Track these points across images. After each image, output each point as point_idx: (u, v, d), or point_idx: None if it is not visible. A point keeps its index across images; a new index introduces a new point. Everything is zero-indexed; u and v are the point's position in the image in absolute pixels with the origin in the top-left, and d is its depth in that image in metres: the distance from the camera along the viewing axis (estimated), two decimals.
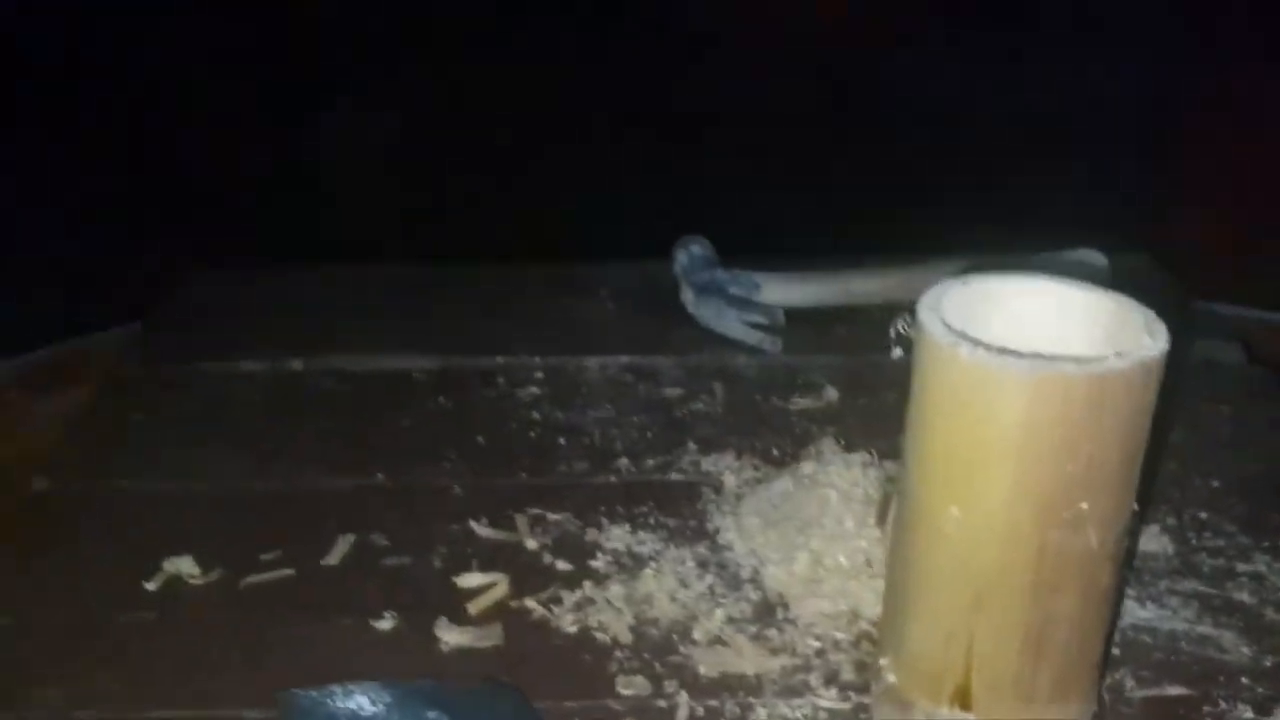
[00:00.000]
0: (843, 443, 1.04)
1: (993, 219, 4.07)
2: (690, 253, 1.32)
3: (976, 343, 0.68)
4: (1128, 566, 0.90)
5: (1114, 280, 1.33)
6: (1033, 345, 0.71)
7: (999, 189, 4.18)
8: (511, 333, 1.26)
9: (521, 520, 0.97)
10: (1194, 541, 0.95)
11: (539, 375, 1.19)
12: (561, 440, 1.09)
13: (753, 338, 1.23)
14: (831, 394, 1.16)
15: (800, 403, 1.14)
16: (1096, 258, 1.34)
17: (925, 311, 0.71)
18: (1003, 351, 0.67)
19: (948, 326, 0.69)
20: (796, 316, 1.27)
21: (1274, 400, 1.17)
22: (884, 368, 1.16)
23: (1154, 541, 0.95)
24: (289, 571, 0.90)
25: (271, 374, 1.18)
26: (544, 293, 1.36)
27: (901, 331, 0.81)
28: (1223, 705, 0.79)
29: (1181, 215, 3.64)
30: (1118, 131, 3.30)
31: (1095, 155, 4.28)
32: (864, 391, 1.16)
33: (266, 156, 2.98)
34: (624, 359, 1.22)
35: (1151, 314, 0.73)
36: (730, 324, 1.24)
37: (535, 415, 1.13)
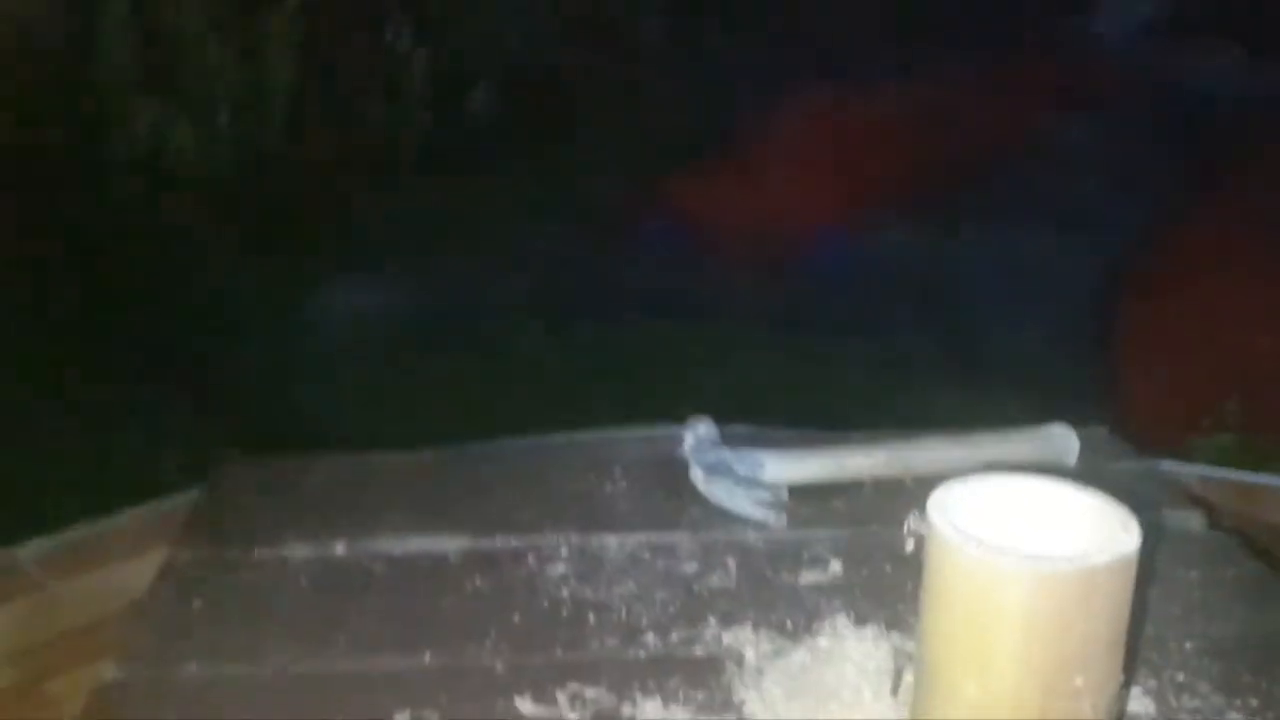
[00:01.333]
0: (853, 616, 1.14)
1: (961, 385, 4.24)
2: (697, 434, 1.43)
3: (982, 542, 0.79)
4: None
5: (1083, 455, 1.47)
6: (1028, 540, 0.83)
7: (970, 360, 4.38)
8: (537, 512, 1.36)
9: (562, 696, 1.05)
10: (1174, 703, 1.05)
11: (565, 553, 1.29)
12: (591, 617, 1.18)
13: (760, 514, 1.34)
14: (836, 567, 1.26)
15: (809, 576, 1.24)
16: (1066, 434, 1.47)
17: (935, 512, 0.83)
18: (1006, 551, 0.78)
19: (957, 527, 0.81)
20: (796, 491, 1.38)
21: (1236, 565, 1.28)
22: (882, 541, 1.27)
23: (1138, 703, 1.05)
24: None
25: (318, 558, 1.27)
26: (563, 471, 1.47)
27: (913, 528, 0.92)
28: None
29: (1131, 382, 3.85)
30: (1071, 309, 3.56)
31: (1052, 330, 4.50)
32: (866, 564, 1.26)
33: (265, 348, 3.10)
34: (642, 536, 1.32)
35: (1126, 511, 0.85)
36: (739, 502, 1.35)
37: (565, 593, 1.22)
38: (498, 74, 6.07)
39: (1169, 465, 2.05)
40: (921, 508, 1.36)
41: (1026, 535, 0.84)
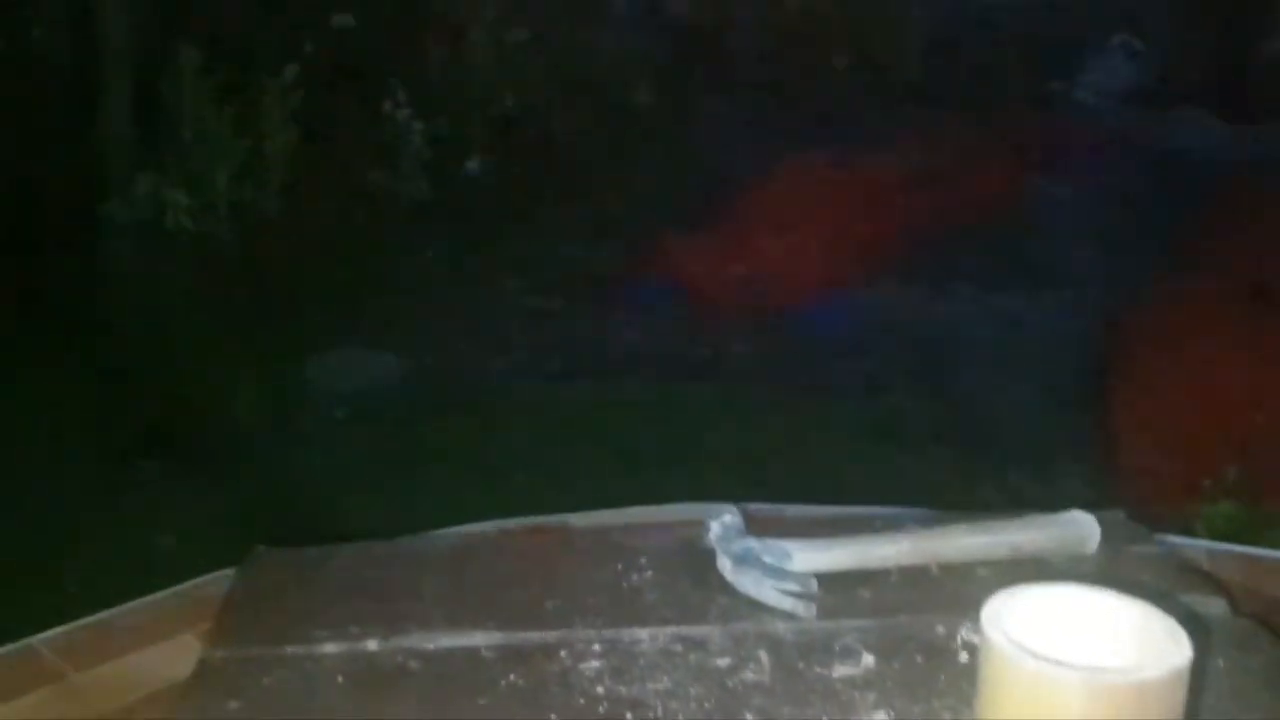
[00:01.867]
0: (891, 713, 1.15)
1: (956, 449, 4.26)
2: (724, 523, 1.44)
3: (1039, 655, 0.80)
4: None
5: (1103, 540, 1.48)
6: (1079, 650, 0.84)
7: (966, 424, 4.40)
8: (565, 603, 1.36)
9: None
10: None
11: (597, 648, 1.29)
12: (628, 715, 1.18)
13: (788, 604, 1.35)
14: (869, 660, 1.26)
15: (842, 670, 1.25)
16: (1087, 520, 1.48)
17: (989, 625, 0.84)
18: (1060, 663, 0.80)
19: (1013, 639, 0.82)
20: (823, 580, 1.39)
21: (1262, 652, 1.29)
22: (912, 633, 1.28)
23: None
24: None
25: (350, 655, 1.27)
26: (588, 559, 1.47)
27: (966, 639, 0.94)
28: None
29: (1128, 448, 3.89)
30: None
31: (1049, 395, 4.54)
32: (898, 656, 1.27)
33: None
34: (673, 629, 1.32)
35: (1173, 622, 0.87)
36: (767, 592, 1.36)
37: (600, 690, 1.22)
38: (493, 139, 6.14)
39: (1178, 540, 2.06)
40: (950, 599, 1.37)
41: (1076, 644, 0.86)
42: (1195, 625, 1.34)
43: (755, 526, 1.47)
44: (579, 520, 1.95)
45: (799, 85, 7.67)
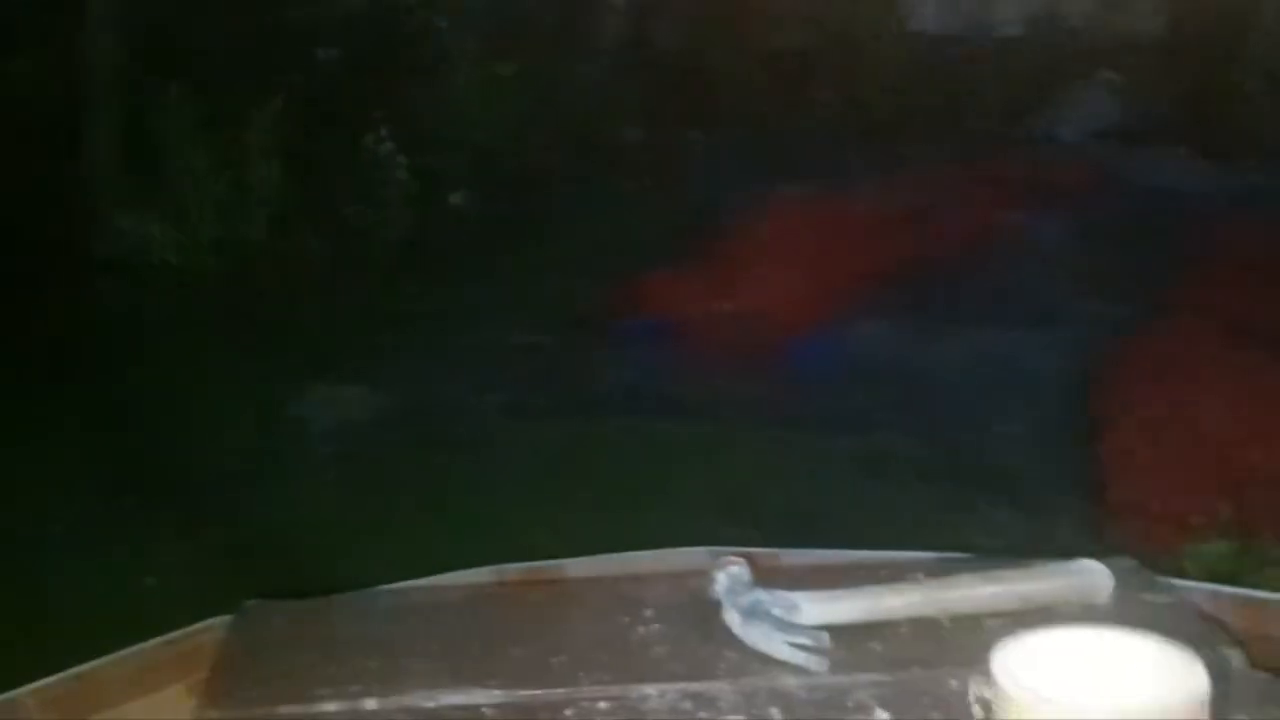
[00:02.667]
0: None
1: (946, 485, 4.24)
2: (730, 574, 1.41)
3: (1056, 699, 0.78)
4: None
5: (1116, 590, 1.46)
6: (1094, 691, 0.82)
7: (954, 460, 4.39)
8: (570, 658, 1.33)
9: None
10: None
11: (604, 705, 1.25)
12: None
13: (800, 659, 1.32)
14: (883, 716, 1.23)
15: None
16: (1099, 570, 1.46)
17: (1002, 674, 0.82)
18: (1080, 705, 0.78)
19: (1027, 686, 0.81)
20: (832, 632, 1.36)
21: None
22: (925, 687, 1.25)
23: None
24: None
25: (351, 715, 1.23)
26: (591, 612, 1.44)
27: (978, 694, 0.91)
28: None
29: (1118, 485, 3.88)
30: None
31: (1039, 431, 4.53)
32: (912, 710, 1.24)
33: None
34: (681, 685, 1.29)
35: (1187, 653, 0.85)
36: (778, 646, 1.32)
37: None
38: (477, 174, 6.13)
39: (1184, 583, 2.04)
40: (961, 653, 1.34)
41: (1091, 686, 0.84)
42: (1214, 677, 1.32)
43: (754, 573, 1.45)
44: (576, 566, 1.91)
45: (783, 122, 7.70)
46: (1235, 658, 1.36)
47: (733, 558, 1.45)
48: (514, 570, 1.88)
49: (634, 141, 7.19)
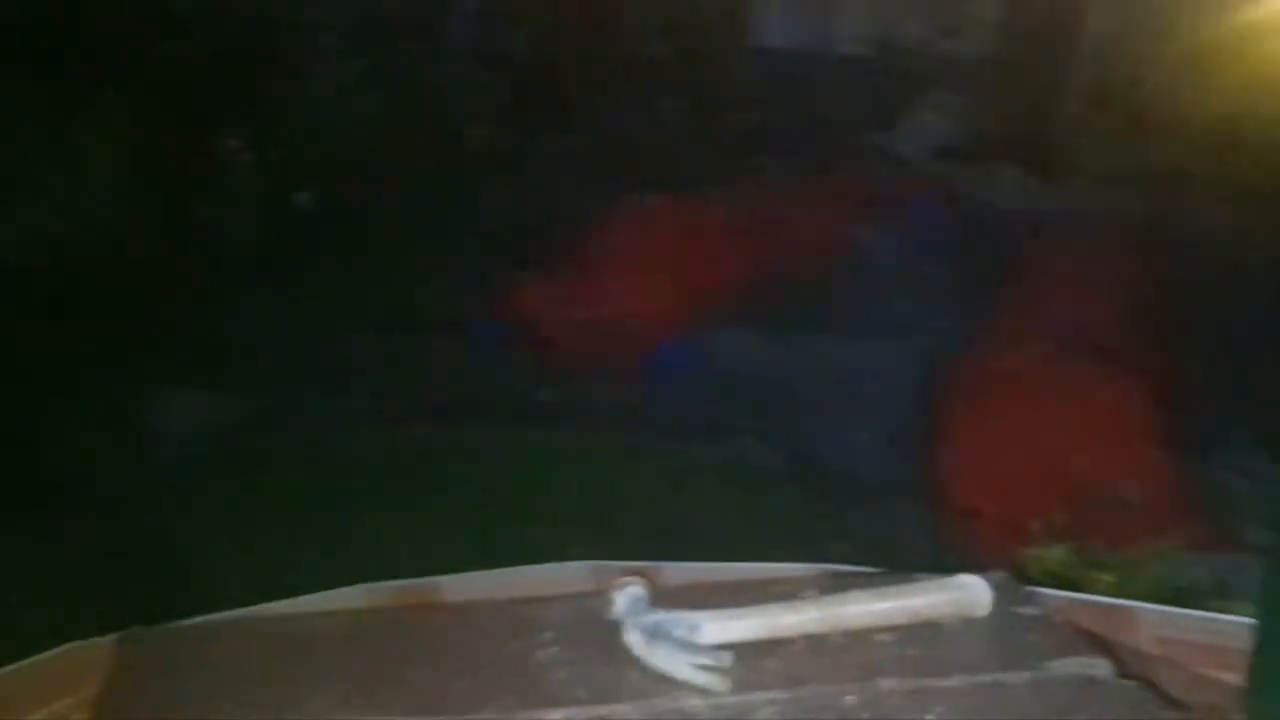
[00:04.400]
0: None
1: (802, 493, 4.34)
2: (630, 595, 1.43)
3: None
4: None
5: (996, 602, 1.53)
6: None
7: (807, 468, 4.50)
8: (471, 684, 1.32)
9: None
10: None
11: None
12: None
13: (702, 679, 1.34)
14: None
15: None
16: (979, 584, 1.53)
17: None
18: None
19: None
20: (725, 649, 1.39)
21: (1148, 714, 1.35)
22: (823, 702, 1.29)
23: None
24: None
25: None
26: (492, 637, 1.43)
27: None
28: None
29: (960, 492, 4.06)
30: None
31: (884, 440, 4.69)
32: None
33: None
34: (586, 709, 1.30)
35: None
36: (680, 667, 1.34)
37: None
38: (332, 176, 5.98)
39: (1051, 593, 2.14)
40: (855, 666, 1.38)
41: None
42: (1084, 687, 1.40)
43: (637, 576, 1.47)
44: (451, 583, 1.89)
45: (638, 130, 7.76)
46: (1104, 667, 1.44)
47: (630, 577, 1.47)
48: (387, 589, 1.85)
49: (490, 144, 7.12)
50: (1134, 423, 4.34)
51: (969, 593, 1.51)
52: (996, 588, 1.57)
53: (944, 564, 3.31)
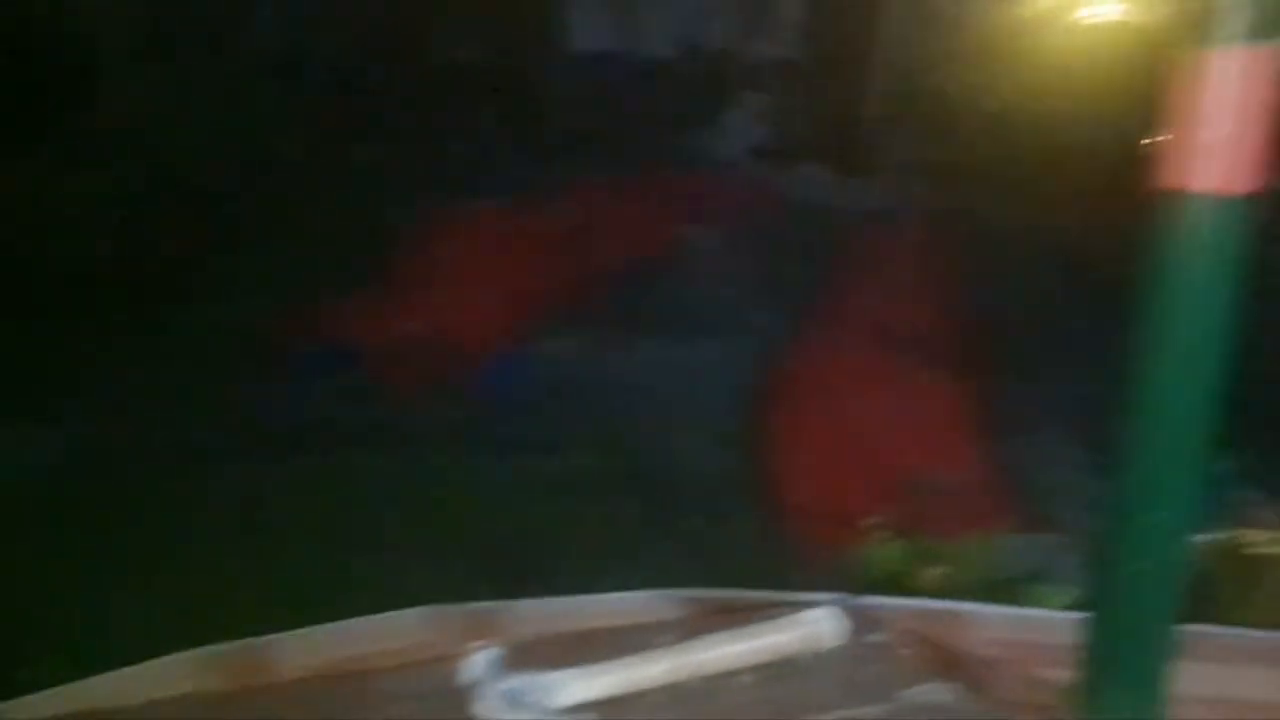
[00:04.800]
0: None
1: (634, 501, 4.33)
2: (485, 659, 1.38)
3: None
4: None
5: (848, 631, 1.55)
6: None
7: (638, 475, 4.51)
8: None
9: None
10: None
11: None
12: None
13: None
14: None
15: None
16: (830, 617, 1.54)
17: None
18: None
19: None
20: (594, 708, 1.37)
21: None
22: None
23: None
24: None
25: None
26: (336, 714, 1.37)
27: None
28: None
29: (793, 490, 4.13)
30: None
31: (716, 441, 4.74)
32: None
33: None
34: None
35: None
36: None
37: None
38: (137, 195, 5.68)
39: (890, 601, 2.18)
40: (716, 712, 1.38)
41: None
42: (934, 716, 1.43)
43: (487, 632, 1.43)
44: (284, 645, 1.80)
45: (453, 138, 7.65)
46: (951, 692, 1.48)
47: (484, 643, 1.42)
48: (220, 653, 1.75)
49: (302, 157, 6.90)
50: (953, 413, 4.49)
51: (820, 626, 1.53)
52: (844, 616, 1.59)
53: (787, 570, 3.38)
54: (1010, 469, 4.21)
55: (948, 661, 1.59)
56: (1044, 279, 6.03)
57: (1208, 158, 1.36)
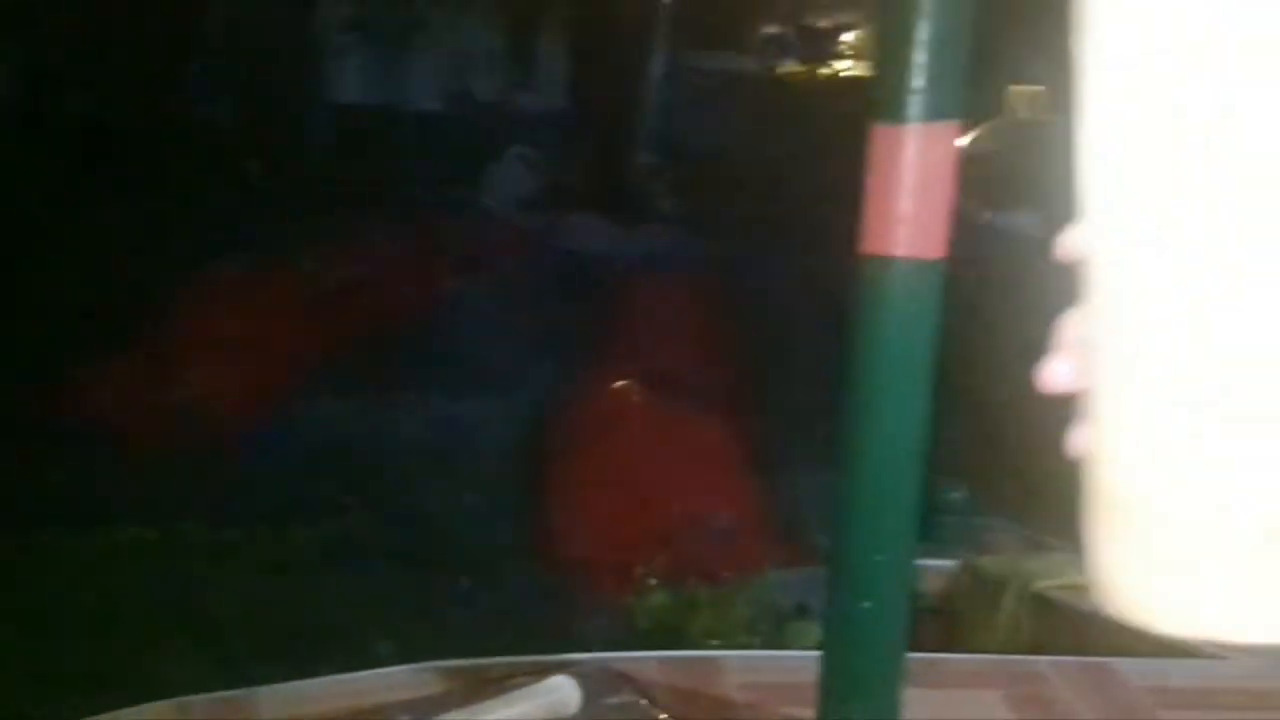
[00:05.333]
0: None
1: (404, 563, 4.26)
2: None
3: None
4: None
5: (587, 699, 1.57)
6: None
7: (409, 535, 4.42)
8: None
9: None
10: None
11: None
12: None
13: None
14: None
15: None
16: (568, 684, 1.56)
17: None
18: None
19: None
20: None
21: None
22: None
23: None
24: None
25: None
26: None
27: None
28: None
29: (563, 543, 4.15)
30: None
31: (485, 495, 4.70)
32: None
33: None
34: None
35: None
36: None
37: None
38: None
39: (636, 656, 2.22)
40: None
41: None
42: None
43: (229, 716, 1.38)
44: None
45: (210, 196, 7.38)
46: None
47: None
48: None
49: (43, 218, 6.50)
50: (726, 454, 4.60)
51: (559, 695, 1.54)
52: (585, 683, 1.60)
53: (564, 629, 3.36)
54: (781, 504, 4.33)
55: (696, 713, 1.63)
56: (810, 322, 6.28)
57: (902, 225, 1.47)
